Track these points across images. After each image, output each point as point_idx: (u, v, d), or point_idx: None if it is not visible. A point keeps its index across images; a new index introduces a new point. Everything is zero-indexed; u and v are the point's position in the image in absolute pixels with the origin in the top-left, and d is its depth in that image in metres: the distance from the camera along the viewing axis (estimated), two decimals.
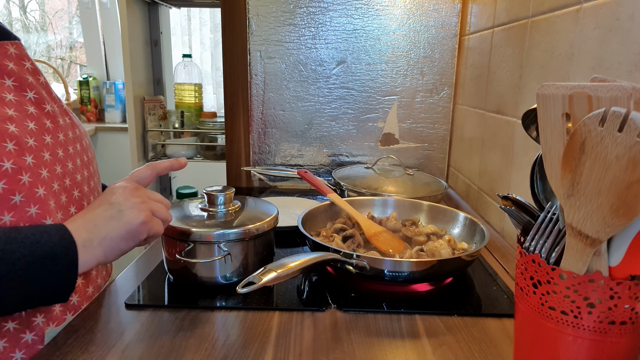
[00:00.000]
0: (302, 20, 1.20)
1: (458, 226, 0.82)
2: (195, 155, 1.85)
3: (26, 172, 0.53)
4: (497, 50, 0.96)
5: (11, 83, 0.56)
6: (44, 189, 0.55)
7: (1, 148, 0.51)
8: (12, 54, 0.57)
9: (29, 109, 0.57)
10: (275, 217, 0.71)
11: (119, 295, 0.65)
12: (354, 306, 0.63)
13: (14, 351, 0.54)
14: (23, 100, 0.57)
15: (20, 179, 0.52)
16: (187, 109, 1.82)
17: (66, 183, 0.60)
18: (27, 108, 0.57)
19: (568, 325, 0.39)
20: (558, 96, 0.36)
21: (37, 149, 0.56)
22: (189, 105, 1.83)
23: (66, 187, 0.60)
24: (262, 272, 0.55)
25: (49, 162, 0.57)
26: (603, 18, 0.60)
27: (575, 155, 0.35)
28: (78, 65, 2.58)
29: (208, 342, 0.54)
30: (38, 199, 0.54)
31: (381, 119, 1.26)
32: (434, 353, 0.53)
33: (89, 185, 0.66)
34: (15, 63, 0.57)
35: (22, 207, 0.53)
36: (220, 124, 1.76)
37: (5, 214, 0.51)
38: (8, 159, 0.51)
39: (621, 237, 0.37)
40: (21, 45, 0.59)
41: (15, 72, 0.57)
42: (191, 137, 1.85)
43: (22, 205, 0.53)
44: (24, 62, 0.58)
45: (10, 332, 0.54)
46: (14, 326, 0.54)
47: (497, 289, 0.69)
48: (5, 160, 0.51)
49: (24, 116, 0.56)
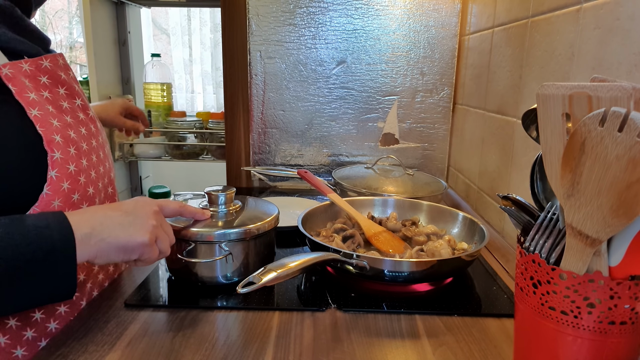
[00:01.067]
0: (302, 20, 1.20)
1: (458, 226, 0.82)
2: (164, 154, 1.86)
3: (82, 173, 0.61)
4: (497, 50, 0.96)
5: (64, 91, 0.62)
6: (92, 187, 0.63)
7: (67, 153, 0.58)
8: (62, 64, 0.63)
9: (80, 115, 0.64)
10: (276, 217, 0.71)
11: (119, 295, 0.65)
12: (354, 306, 0.63)
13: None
14: (74, 107, 0.63)
15: (78, 179, 0.60)
16: (155, 108, 1.83)
17: (99, 186, 0.66)
18: (79, 115, 0.64)
19: (568, 325, 0.39)
20: (558, 96, 0.36)
21: (88, 152, 0.63)
22: (157, 104, 1.84)
23: (99, 189, 0.66)
24: (262, 272, 0.55)
25: (95, 163, 0.64)
26: (603, 18, 0.60)
27: (575, 155, 0.35)
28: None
29: (208, 342, 0.54)
30: (89, 197, 0.62)
31: (381, 119, 1.26)
32: (434, 353, 0.53)
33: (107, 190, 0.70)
34: (65, 73, 0.63)
35: (78, 205, 0.60)
36: (189, 123, 1.77)
37: (66, 211, 0.57)
38: (72, 162, 0.59)
39: (621, 237, 0.37)
40: (63, 56, 0.65)
41: (66, 82, 0.63)
42: (160, 137, 1.86)
43: (77, 202, 0.60)
44: (69, 72, 0.64)
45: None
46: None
47: (497, 289, 0.69)
48: (70, 163, 0.58)
49: (77, 122, 0.63)
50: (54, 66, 0.61)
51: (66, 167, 0.58)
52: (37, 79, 0.59)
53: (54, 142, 0.56)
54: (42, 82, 0.59)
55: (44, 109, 0.57)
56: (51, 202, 0.56)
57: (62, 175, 0.57)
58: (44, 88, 0.59)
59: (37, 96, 0.57)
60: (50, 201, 0.56)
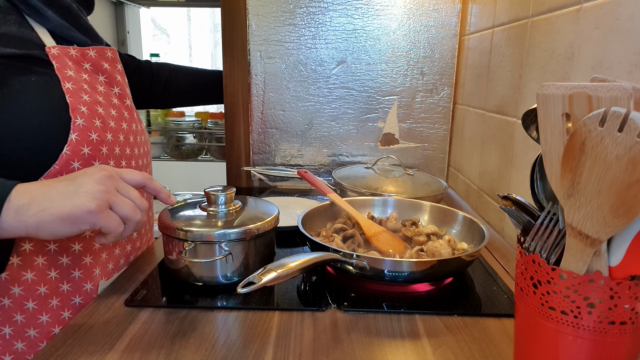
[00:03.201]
0: (302, 20, 1.20)
1: (458, 226, 0.82)
2: (163, 154, 1.85)
3: (105, 145, 0.66)
4: (497, 50, 0.96)
5: (103, 79, 0.72)
6: (114, 162, 0.68)
7: (91, 122, 0.64)
8: (108, 56, 0.73)
9: (114, 100, 0.72)
10: (276, 217, 0.71)
11: (119, 295, 0.65)
12: (354, 306, 0.63)
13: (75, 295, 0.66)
14: (110, 93, 0.72)
15: (100, 149, 0.65)
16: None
17: (132, 164, 0.73)
18: (112, 99, 0.72)
19: (568, 325, 0.39)
20: (558, 96, 0.36)
21: (115, 130, 0.69)
22: None
23: (133, 167, 0.73)
24: (262, 272, 0.55)
25: (122, 142, 0.70)
26: (603, 18, 0.60)
27: (575, 155, 0.35)
28: None
29: (208, 342, 0.54)
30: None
31: (381, 119, 1.26)
32: (434, 353, 0.53)
33: (147, 171, 0.79)
34: (110, 64, 0.73)
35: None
36: (188, 123, 1.76)
37: None
38: (95, 132, 0.65)
39: (621, 237, 0.37)
40: (116, 52, 0.77)
41: (107, 71, 0.73)
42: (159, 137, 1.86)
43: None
44: (117, 65, 0.75)
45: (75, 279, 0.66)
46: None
47: (497, 289, 0.69)
48: (93, 132, 0.64)
49: (109, 104, 0.70)
50: (98, 57, 0.71)
51: (87, 134, 0.63)
52: (80, 64, 0.68)
53: (78, 110, 0.63)
54: (85, 67, 0.69)
55: (77, 84, 0.65)
56: (70, 162, 0.62)
57: (82, 140, 0.63)
58: (85, 72, 0.69)
59: (76, 75, 0.66)
60: (70, 161, 0.62)
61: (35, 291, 0.63)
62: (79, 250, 0.66)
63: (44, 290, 0.64)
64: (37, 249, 0.63)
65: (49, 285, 0.64)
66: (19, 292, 0.62)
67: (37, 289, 0.63)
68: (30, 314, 0.63)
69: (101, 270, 0.70)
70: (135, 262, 0.77)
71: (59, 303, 0.66)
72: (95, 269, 0.69)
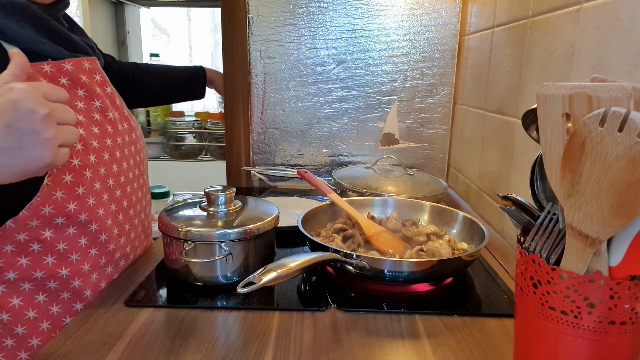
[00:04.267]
0: (302, 20, 1.20)
1: (458, 226, 0.82)
2: (162, 154, 1.85)
3: (89, 169, 0.64)
4: (497, 50, 0.96)
5: (83, 93, 0.67)
6: (100, 184, 0.66)
7: (72, 148, 0.60)
8: (86, 68, 0.67)
9: (95, 115, 0.67)
10: (276, 217, 0.71)
11: (119, 295, 0.65)
12: (354, 306, 0.63)
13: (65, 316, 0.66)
14: (91, 108, 0.67)
15: (84, 174, 0.63)
16: (154, 108, 1.83)
17: (121, 180, 0.71)
18: (93, 115, 0.67)
19: (568, 325, 0.39)
20: (558, 96, 0.36)
21: (99, 150, 0.66)
22: None
23: (121, 183, 0.71)
24: (262, 272, 0.55)
25: (107, 161, 0.68)
26: (603, 18, 0.60)
27: (575, 155, 0.35)
28: None
29: (208, 342, 0.54)
30: (95, 192, 0.65)
31: (381, 119, 1.26)
32: (434, 353, 0.53)
33: (138, 182, 0.77)
34: (88, 76, 0.67)
35: (84, 198, 0.63)
36: (187, 122, 1.76)
37: (70, 203, 0.61)
38: (76, 157, 0.62)
39: (621, 237, 0.37)
40: (95, 61, 0.70)
41: (86, 84, 0.67)
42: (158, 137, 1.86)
43: (83, 196, 0.63)
44: (95, 75, 0.69)
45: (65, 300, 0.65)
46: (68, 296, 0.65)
47: (497, 289, 0.69)
48: (74, 157, 0.62)
49: (90, 122, 0.66)
50: (75, 69, 0.65)
51: (68, 161, 0.60)
52: (56, 80, 0.63)
53: None
54: (62, 83, 0.64)
55: None
56: (53, 193, 0.59)
57: (63, 168, 0.60)
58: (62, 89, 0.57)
59: None
60: (52, 192, 0.59)
61: (24, 316, 0.63)
62: (66, 275, 0.65)
63: (32, 315, 0.63)
64: (23, 277, 0.62)
65: (37, 309, 0.64)
66: (7, 318, 0.62)
67: (26, 313, 0.63)
68: (20, 339, 0.63)
69: (93, 290, 0.69)
70: (135, 262, 0.77)
71: (49, 326, 0.65)
72: (85, 291, 0.68)
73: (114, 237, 0.70)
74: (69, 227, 0.63)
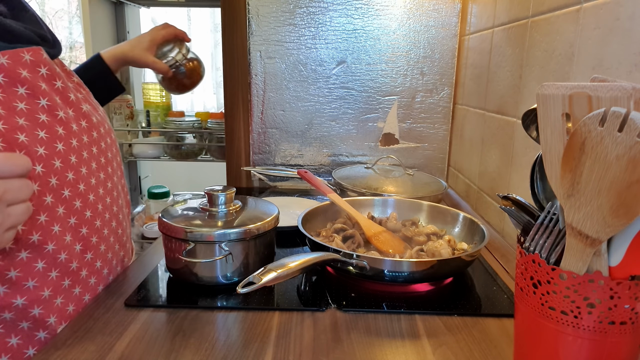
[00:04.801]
0: (302, 20, 1.20)
1: (458, 226, 0.82)
2: (162, 154, 1.85)
3: (35, 181, 0.54)
4: (497, 50, 0.96)
5: (24, 91, 0.55)
6: (52, 196, 0.56)
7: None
8: (26, 60, 0.55)
9: (41, 117, 0.56)
10: (276, 217, 0.71)
11: (119, 295, 0.65)
12: (354, 306, 0.63)
13: (27, 347, 0.58)
14: (35, 109, 0.56)
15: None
16: (154, 108, 1.83)
17: (80, 188, 0.60)
18: (39, 116, 0.56)
19: (568, 325, 0.39)
20: (558, 96, 0.36)
21: (47, 157, 0.56)
22: (156, 104, 1.84)
23: (80, 192, 0.60)
24: (262, 272, 0.55)
25: (60, 169, 0.57)
26: (603, 18, 0.60)
27: (575, 155, 0.35)
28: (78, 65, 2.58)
29: (208, 342, 0.54)
30: (46, 207, 0.56)
31: (381, 119, 1.26)
32: (434, 353, 0.53)
33: (105, 187, 0.66)
34: (30, 70, 0.56)
35: (33, 216, 0.53)
36: (187, 122, 1.77)
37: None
38: None
39: (621, 237, 0.37)
40: (39, 51, 0.57)
41: (28, 80, 0.55)
42: (158, 137, 1.86)
43: (33, 214, 0.53)
44: (39, 69, 0.57)
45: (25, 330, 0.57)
46: (29, 325, 0.57)
47: (497, 289, 0.69)
48: None
49: (35, 125, 0.55)
50: (13, 63, 0.54)
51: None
52: None
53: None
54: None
55: None
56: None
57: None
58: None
59: None
60: None
61: None
62: (22, 304, 0.57)
63: None
64: None
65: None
66: None
67: None
68: None
69: (58, 315, 0.60)
70: (135, 263, 0.77)
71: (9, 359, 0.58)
72: (48, 319, 0.59)
73: (75, 254, 0.61)
74: (19, 252, 0.54)
